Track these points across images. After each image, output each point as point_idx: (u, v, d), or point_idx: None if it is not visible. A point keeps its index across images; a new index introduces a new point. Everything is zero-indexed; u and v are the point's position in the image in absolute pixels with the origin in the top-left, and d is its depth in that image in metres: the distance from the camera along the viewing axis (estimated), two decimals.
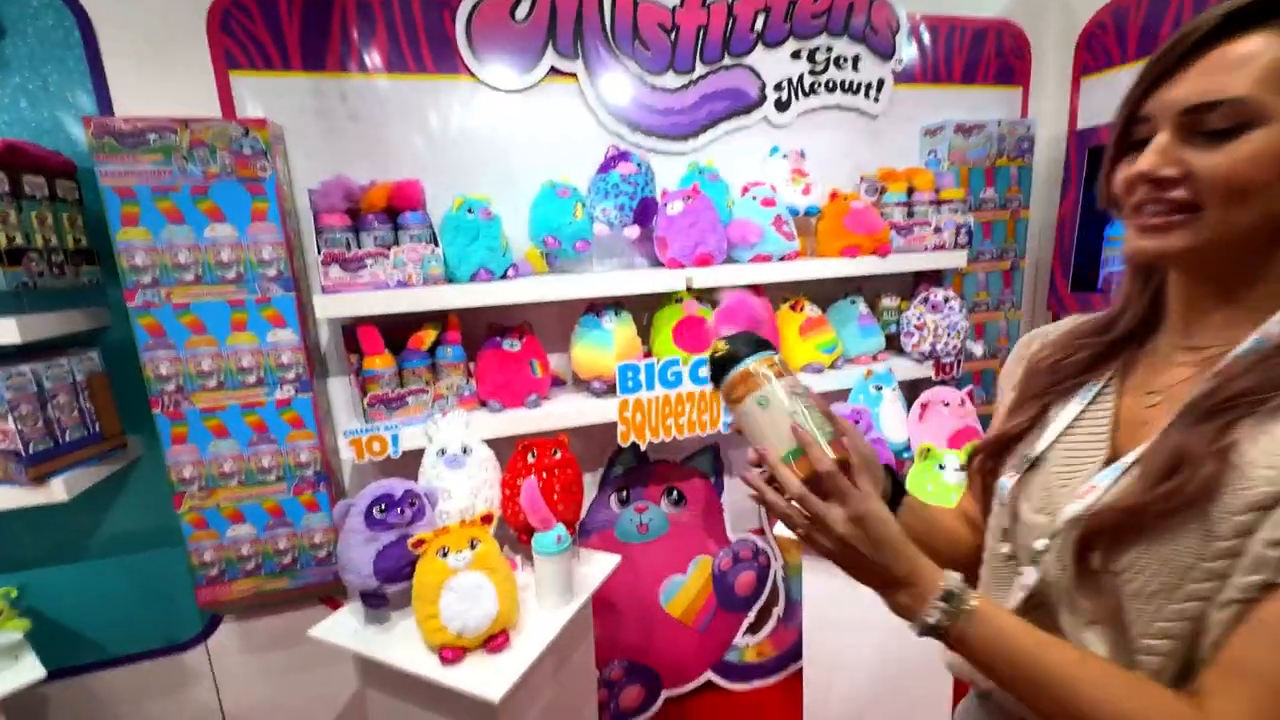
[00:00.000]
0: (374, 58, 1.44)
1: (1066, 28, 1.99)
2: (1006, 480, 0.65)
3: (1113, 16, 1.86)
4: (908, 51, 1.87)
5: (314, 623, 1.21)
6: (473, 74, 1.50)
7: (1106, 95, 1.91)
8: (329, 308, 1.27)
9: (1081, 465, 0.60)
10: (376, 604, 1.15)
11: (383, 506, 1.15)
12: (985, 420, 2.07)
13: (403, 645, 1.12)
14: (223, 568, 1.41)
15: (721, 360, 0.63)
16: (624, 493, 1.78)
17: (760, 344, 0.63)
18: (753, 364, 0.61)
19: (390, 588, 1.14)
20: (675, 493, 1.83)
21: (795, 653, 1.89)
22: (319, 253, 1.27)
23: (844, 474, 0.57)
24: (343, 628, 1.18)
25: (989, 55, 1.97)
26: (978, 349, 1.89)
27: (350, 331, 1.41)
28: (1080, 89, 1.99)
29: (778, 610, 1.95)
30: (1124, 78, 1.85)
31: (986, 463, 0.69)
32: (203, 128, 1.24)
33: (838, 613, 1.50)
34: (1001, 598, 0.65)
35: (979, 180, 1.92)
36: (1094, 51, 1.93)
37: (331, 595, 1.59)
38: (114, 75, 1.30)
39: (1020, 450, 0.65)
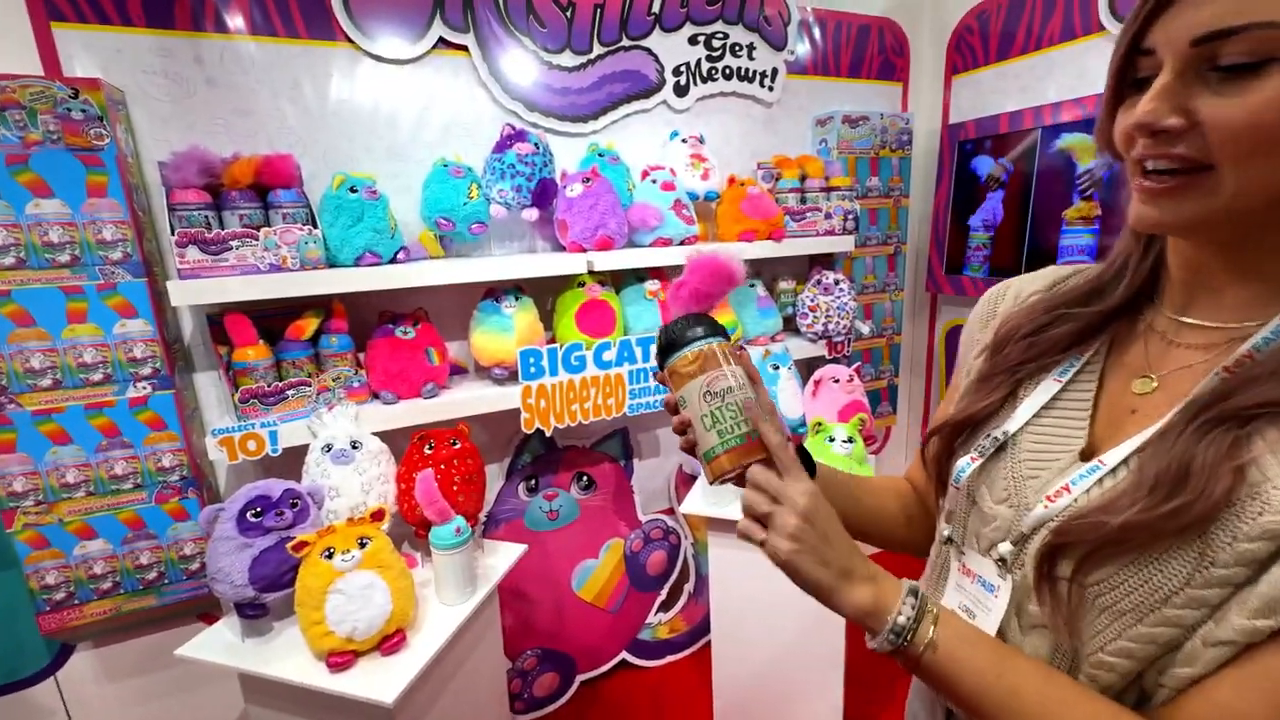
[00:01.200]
0: (234, 18, 1.30)
1: (939, 28, 2.15)
2: (967, 462, 0.57)
3: (978, 20, 2.02)
4: (799, 43, 1.94)
5: (188, 642, 1.10)
6: (352, 41, 1.39)
7: (974, 94, 2.08)
8: (186, 294, 1.15)
9: (1054, 455, 0.52)
10: (254, 615, 1.06)
11: (258, 509, 1.06)
12: (873, 395, 2.23)
13: (287, 656, 1.04)
14: (71, 590, 1.25)
15: (658, 350, 0.61)
16: (532, 481, 1.76)
17: (688, 335, 0.58)
18: (668, 365, 0.59)
19: (269, 596, 1.05)
20: (585, 478, 1.83)
21: (706, 626, 1.96)
22: (172, 233, 1.14)
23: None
24: (216, 643, 1.08)
25: (873, 51, 2.09)
26: (865, 328, 2.01)
27: (218, 321, 1.29)
28: (951, 87, 2.16)
29: (688, 587, 2.00)
30: (988, 78, 2.04)
31: (944, 445, 0.60)
32: (16, 86, 1.07)
33: (742, 585, 1.57)
34: (935, 583, 0.60)
35: (865, 169, 2.04)
36: (962, 52, 2.10)
37: (209, 611, 1.46)
38: None
39: (986, 430, 0.57)
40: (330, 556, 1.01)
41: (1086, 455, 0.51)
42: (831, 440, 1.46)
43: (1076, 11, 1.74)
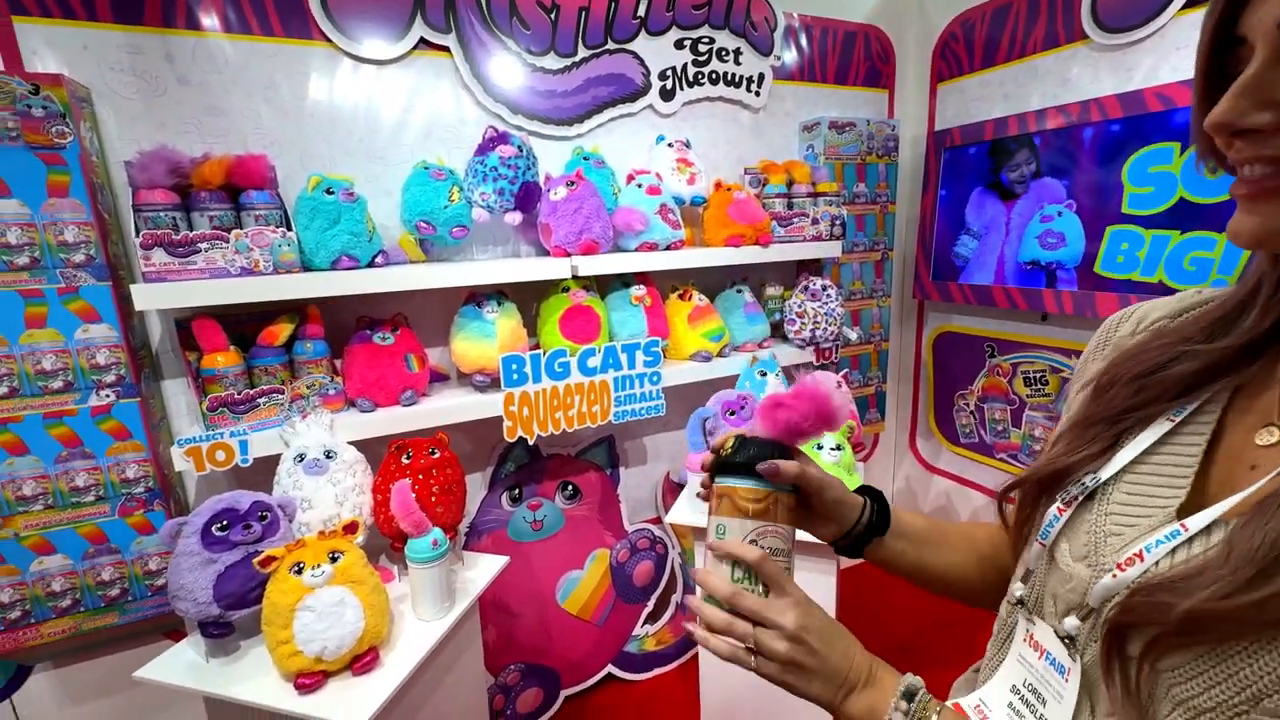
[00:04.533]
0: (208, 16, 1.27)
1: (924, 35, 2.15)
2: (1055, 515, 0.49)
3: (962, 27, 2.03)
4: (785, 49, 1.93)
5: (148, 663, 1.05)
6: (329, 40, 1.36)
7: (959, 101, 2.09)
8: (151, 297, 1.10)
9: (1146, 511, 0.44)
10: (219, 634, 1.01)
11: (225, 523, 1.02)
12: (861, 402, 2.21)
13: (253, 677, 1.00)
14: (27, 608, 1.19)
15: (726, 456, 0.58)
16: (516, 490, 1.72)
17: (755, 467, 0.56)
18: (729, 484, 0.57)
19: (235, 614, 1.01)
20: (570, 487, 1.79)
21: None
22: (137, 234, 1.09)
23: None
24: (178, 664, 1.03)
25: (859, 58, 2.09)
26: (853, 335, 2.00)
27: (187, 326, 1.24)
28: (937, 94, 2.17)
29: (676, 597, 1.97)
30: (972, 85, 2.04)
31: (1029, 499, 0.53)
32: None
33: None
34: (1000, 647, 0.54)
35: (851, 175, 2.03)
36: (947, 60, 2.10)
37: (176, 628, 1.40)
38: None
39: (1077, 477, 0.49)
40: (299, 572, 0.97)
41: (1187, 514, 0.43)
42: (820, 447, 1.44)
43: (1060, 19, 1.75)
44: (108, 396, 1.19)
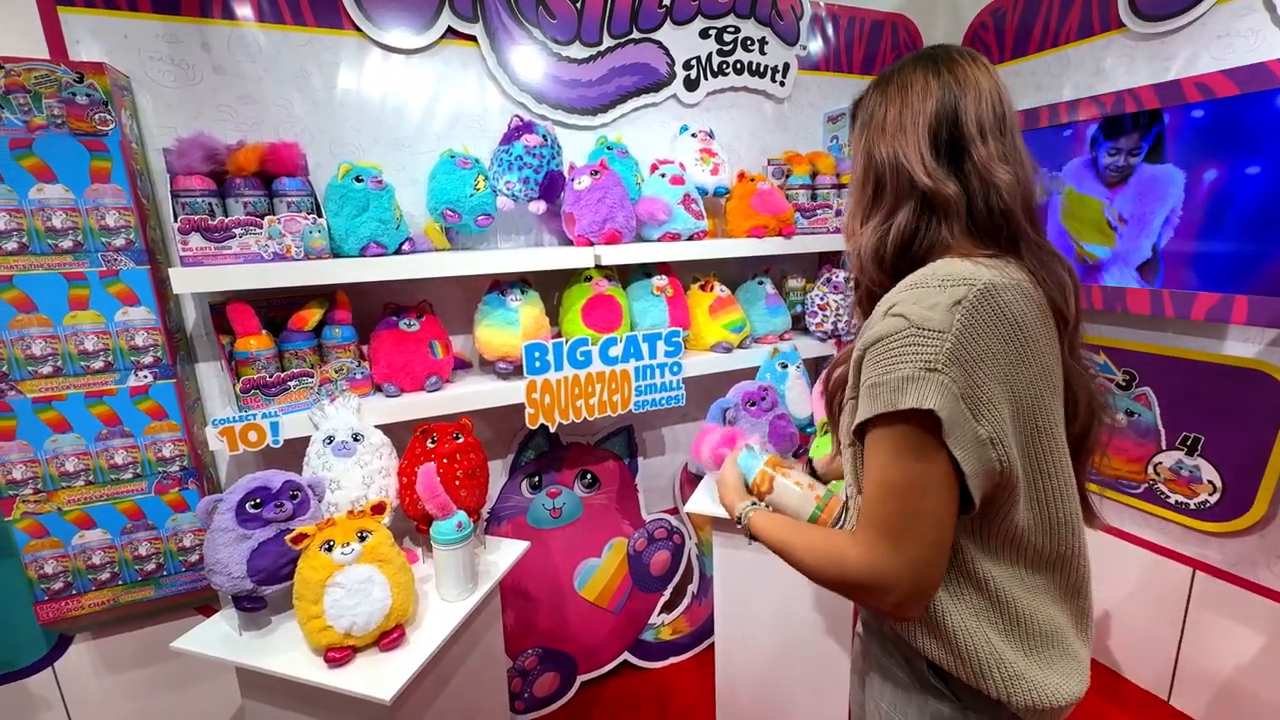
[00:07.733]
0: (242, 6, 1.29)
1: (953, 25, 2.12)
2: None
3: (993, 16, 1.99)
4: (811, 39, 1.91)
5: (184, 634, 1.08)
6: (360, 30, 1.38)
7: None
8: (188, 281, 1.13)
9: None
10: (252, 607, 1.04)
11: (258, 501, 1.05)
12: None
13: (284, 650, 1.03)
14: (69, 580, 1.24)
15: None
16: (536, 478, 1.74)
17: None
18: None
19: (268, 589, 1.04)
20: (589, 475, 1.80)
21: (709, 628, 1.93)
22: (175, 219, 1.12)
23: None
24: (213, 636, 1.06)
25: (886, 48, 2.06)
26: None
27: (220, 310, 1.27)
28: None
29: (692, 587, 1.98)
30: (1002, 76, 2.00)
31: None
32: (21, 70, 1.06)
33: (747, 587, 1.54)
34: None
35: None
36: (977, 50, 2.06)
37: (208, 603, 1.44)
38: None
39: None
40: (330, 549, 0.99)
41: None
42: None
43: (1095, 7, 1.70)
44: (146, 377, 1.23)
